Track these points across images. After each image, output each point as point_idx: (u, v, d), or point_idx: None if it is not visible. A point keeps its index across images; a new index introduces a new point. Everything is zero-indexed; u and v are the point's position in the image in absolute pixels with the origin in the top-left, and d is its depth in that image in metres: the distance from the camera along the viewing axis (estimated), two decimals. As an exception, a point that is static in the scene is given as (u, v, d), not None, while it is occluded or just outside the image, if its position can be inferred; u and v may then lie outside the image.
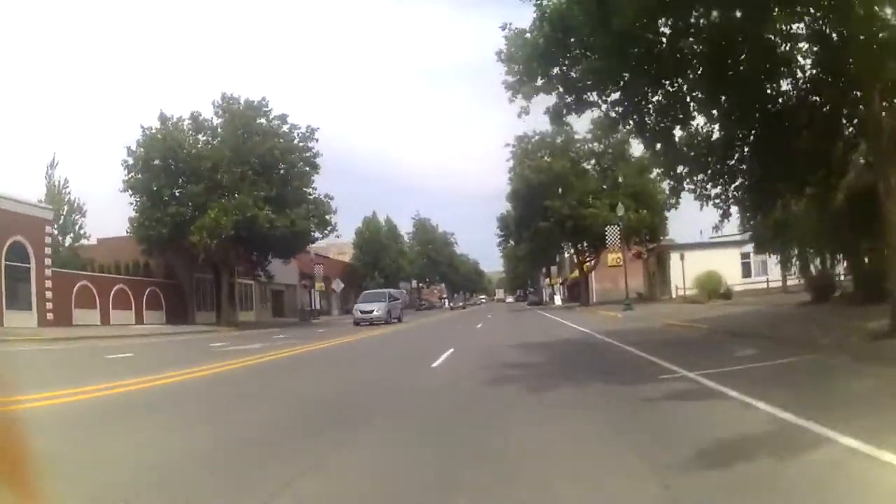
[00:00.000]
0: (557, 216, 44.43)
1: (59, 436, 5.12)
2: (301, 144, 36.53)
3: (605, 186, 47.32)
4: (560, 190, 45.30)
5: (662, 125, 11.98)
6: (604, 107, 12.05)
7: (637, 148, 48.22)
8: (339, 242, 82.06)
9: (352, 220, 77.41)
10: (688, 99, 11.70)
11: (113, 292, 34.07)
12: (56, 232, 38.94)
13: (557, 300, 67.32)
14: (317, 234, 38.06)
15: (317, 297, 54.21)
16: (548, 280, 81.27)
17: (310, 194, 37.00)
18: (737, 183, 15.58)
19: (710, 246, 45.83)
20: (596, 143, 48.92)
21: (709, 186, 15.39)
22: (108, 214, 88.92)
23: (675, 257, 39.08)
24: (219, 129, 36.03)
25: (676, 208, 15.32)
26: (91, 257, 36.95)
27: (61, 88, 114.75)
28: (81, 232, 43.86)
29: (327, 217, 37.52)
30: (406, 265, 73.65)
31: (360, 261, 69.95)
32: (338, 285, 50.18)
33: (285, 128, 36.69)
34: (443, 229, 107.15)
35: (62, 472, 3.73)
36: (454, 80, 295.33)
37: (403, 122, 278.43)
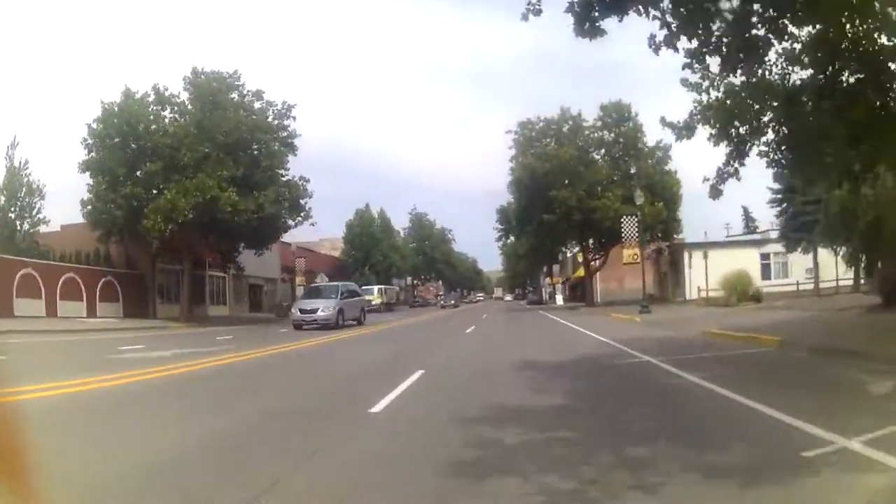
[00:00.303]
0: (564, 208, 40.24)
1: None
2: (276, 122, 32.26)
3: (615, 178, 43.22)
4: (567, 180, 41.19)
5: (748, 38, 7.77)
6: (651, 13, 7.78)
7: (652, 136, 45.26)
8: (332, 237, 78.06)
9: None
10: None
11: (61, 282, 30.44)
12: (13, 216, 35.45)
13: (559, 300, 63.05)
14: (290, 222, 33.46)
15: (300, 293, 50.16)
16: (549, 279, 77.25)
17: (282, 176, 32.49)
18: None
19: (726, 245, 42.53)
20: (606, 132, 45.10)
21: (783, 149, 11.34)
22: (75, 200, 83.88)
23: (696, 255, 35.22)
24: (187, 105, 31.97)
25: (739, 179, 11.23)
26: (48, 244, 33.43)
27: (30, 68, 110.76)
28: (40, 217, 39.98)
29: (302, 202, 33.05)
30: (399, 260, 68.65)
31: (350, 255, 65.54)
32: (322, 280, 46.14)
33: (259, 104, 32.45)
34: (440, 225, 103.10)
35: None
36: (458, 78, 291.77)
37: (406, 123, 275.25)
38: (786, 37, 8.36)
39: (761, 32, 8.11)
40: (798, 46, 9.76)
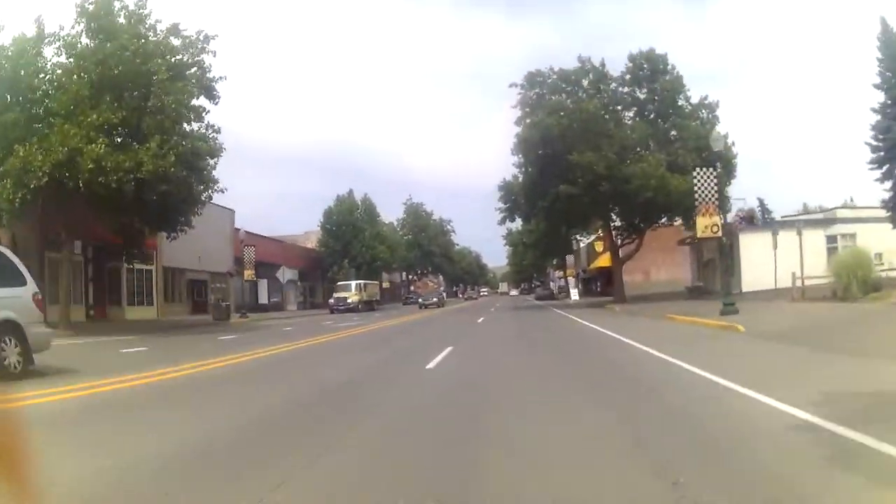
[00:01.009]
0: (589, 176, 31.20)
1: None
2: (186, 59, 22.78)
3: (652, 143, 34.33)
4: (591, 142, 32.23)
5: None
6: None
7: (698, 91, 36.38)
8: (318, 230, 69.28)
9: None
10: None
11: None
12: None
13: (574, 294, 53.98)
14: (194, 191, 23.74)
15: (264, 289, 41.49)
16: (560, 271, 68.44)
17: (181, 122, 22.59)
18: None
19: (784, 225, 34.60)
20: (636, 87, 36.20)
21: None
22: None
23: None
24: (82, 40, 22.98)
25: None
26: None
27: None
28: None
29: (210, 161, 23.49)
30: (385, 252, 58.79)
31: (328, 246, 56.21)
32: (283, 275, 37.58)
33: (175, 41, 23.30)
34: (438, 216, 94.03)
35: None
36: (463, 81, 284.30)
37: (413, 124, 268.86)
38: None
39: None
40: None
